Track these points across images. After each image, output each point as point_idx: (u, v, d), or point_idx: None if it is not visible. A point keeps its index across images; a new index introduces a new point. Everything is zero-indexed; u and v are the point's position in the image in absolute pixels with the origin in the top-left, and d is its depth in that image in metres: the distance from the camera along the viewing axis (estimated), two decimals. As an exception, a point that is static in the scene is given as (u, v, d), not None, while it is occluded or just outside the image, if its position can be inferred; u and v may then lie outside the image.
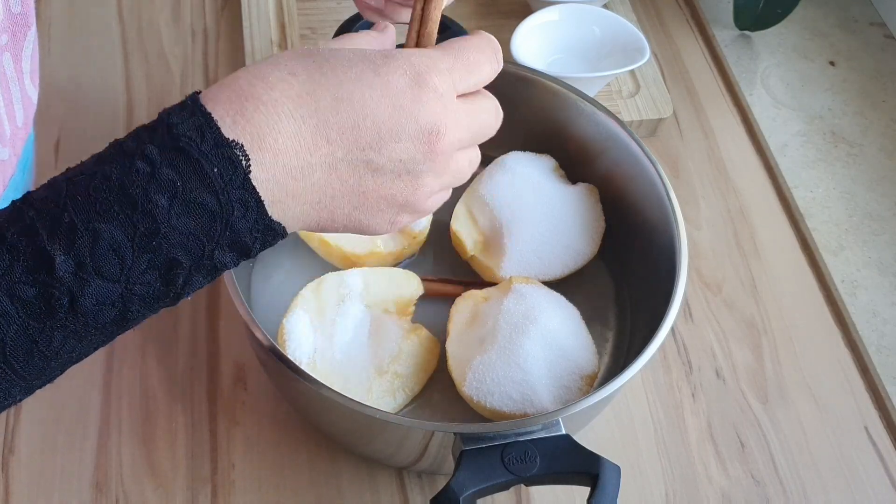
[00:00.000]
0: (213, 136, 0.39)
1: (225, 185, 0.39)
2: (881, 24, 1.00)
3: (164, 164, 0.38)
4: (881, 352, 0.75)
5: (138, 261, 0.38)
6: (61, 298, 0.37)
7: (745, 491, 0.67)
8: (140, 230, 0.38)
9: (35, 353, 0.38)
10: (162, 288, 0.39)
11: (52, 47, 0.88)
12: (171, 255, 0.38)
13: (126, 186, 0.38)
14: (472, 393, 0.61)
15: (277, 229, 0.42)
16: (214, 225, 0.39)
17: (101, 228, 0.37)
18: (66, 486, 0.63)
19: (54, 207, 0.38)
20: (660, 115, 0.86)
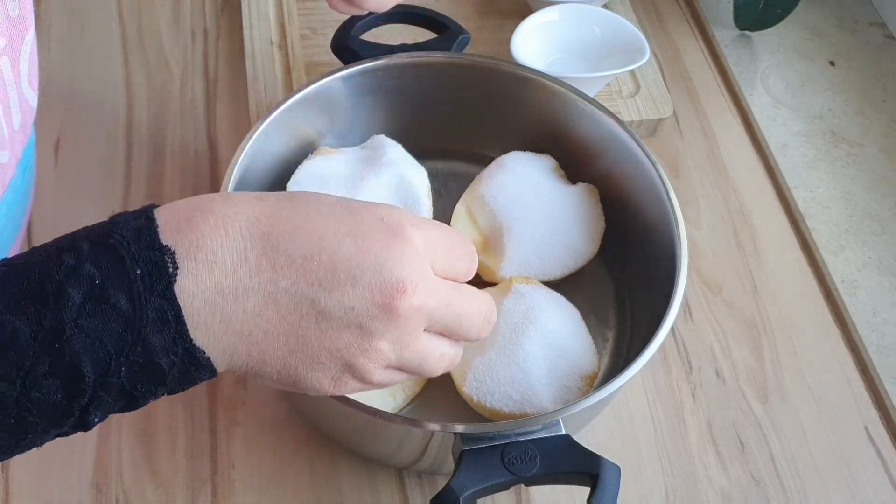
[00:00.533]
0: (148, 239, 0.36)
1: (143, 290, 0.35)
2: (881, 24, 1.00)
3: (88, 259, 0.36)
4: (881, 352, 0.74)
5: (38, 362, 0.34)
6: None
7: (745, 491, 0.67)
8: (45, 327, 0.35)
9: None
10: (64, 402, 0.36)
11: (52, 48, 0.88)
12: (74, 363, 0.35)
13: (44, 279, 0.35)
14: (472, 393, 0.61)
15: (200, 358, 0.37)
16: (126, 334, 0.35)
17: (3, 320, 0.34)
18: (66, 485, 0.63)
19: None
20: (660, 115, 0.86)
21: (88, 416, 0.37)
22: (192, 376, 0.38)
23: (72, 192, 0.78)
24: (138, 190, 0.78)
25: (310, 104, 0.70)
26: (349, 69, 0.71)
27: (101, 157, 0.80)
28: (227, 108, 0.85)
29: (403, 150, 0.72)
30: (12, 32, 0.53)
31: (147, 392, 0.38)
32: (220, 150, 0.82)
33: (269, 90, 0.83)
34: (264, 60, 0.85)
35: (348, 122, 0.74)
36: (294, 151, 0.72)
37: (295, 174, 0.70)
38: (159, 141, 0.82)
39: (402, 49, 0.74)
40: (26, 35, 0.55)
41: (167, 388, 0.38)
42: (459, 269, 0.44)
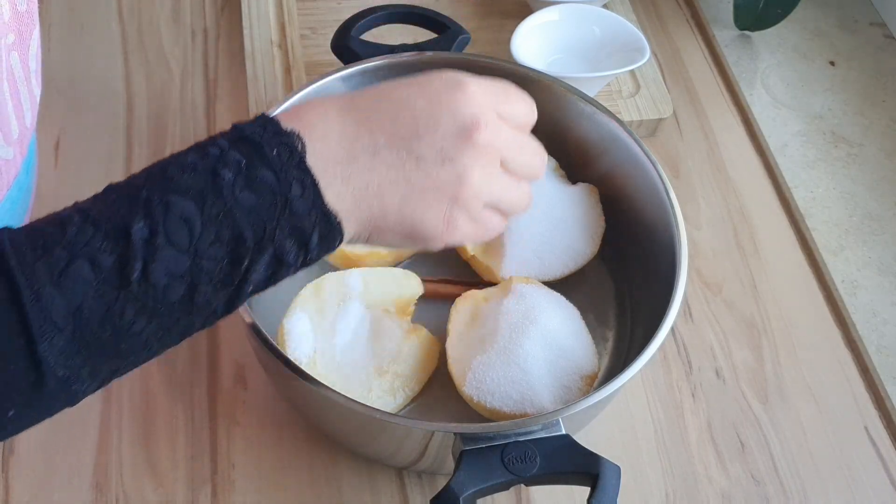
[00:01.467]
0: (273, 128, 0.44)
1: (283, 165, 0.43)
2: (881, 24, 1.00)
3: (231, 148, 0.43)
4: (881, 352, 0.75)
5: (206, 232, 0.41)
6: (135, 264, 0.39)
7: (745, 491, 0.67)
8: (208, 202, 0.41)
9: (107, 324, 0.39)
10: (227, 268, 0.41)
11: (52, 47, 0.88)
12: (236, 230, 0.41)
13: (197, 166, 0.42)
14: (472, 393, 0.61)
15: (333, 221, 0.44)
16: (275, 201, 0.42)
17: (173, 200, 0.41)
18: (66, 485, 0.63)
19: (133, 189, 0.41)
20: (660, 115, 0.86)
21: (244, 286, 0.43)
22: (327, 239, 0.44)
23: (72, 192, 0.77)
24: (138, 190, 0.78)
25: (310, 104, 0.70)
26: (349, 69, 0.71)
27: (101, 156, 0.80)
28: (227, 108, 0.85)
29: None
30: (21, 28, 0.53)
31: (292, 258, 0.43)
32: (220, 149, 0.82)
33: (269, 90, 0.83)
34: (264, 60, 0.85)
35: (348, 121, 0.74)
36: (294, 151, 0.72)
37: (295, 174, 0.70)
38: (159, 140, 0.82)
39: (402, 49, 0.74)
40: (34, 30, 0.55)
41: (308, 254, 0.44)
42: (517, 112, 0.50)
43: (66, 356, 0.39)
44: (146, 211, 0.40)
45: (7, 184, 0.56)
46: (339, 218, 0.44)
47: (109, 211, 0.40)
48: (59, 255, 0.39)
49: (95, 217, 0.40)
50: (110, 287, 0.39)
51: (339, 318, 0.64)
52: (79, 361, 0.39)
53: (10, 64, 0.52)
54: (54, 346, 0.38)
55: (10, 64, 0.53)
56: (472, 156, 0.47)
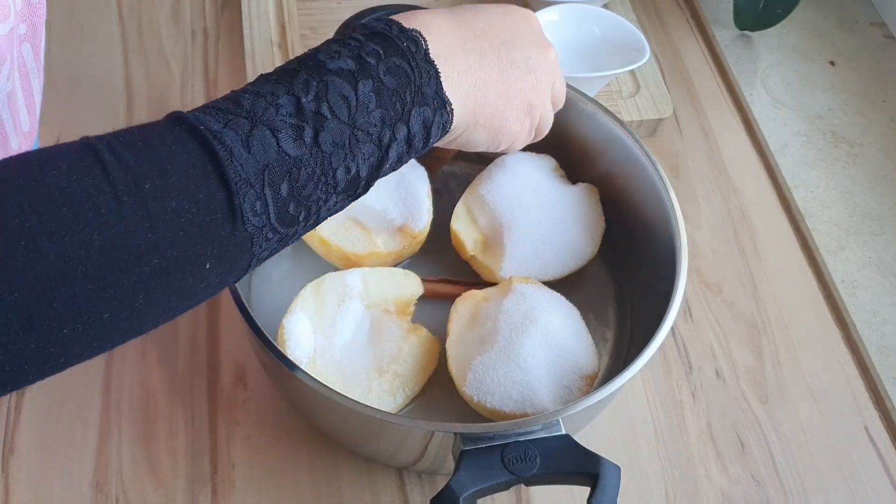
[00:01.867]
0: (398, 27, 0.49)
1: (413, 55, 0.48)
2: (881, 24, 1.00)
3: (368, 41, 0.48)
4: (881, 352, 0.75)
5: (361, 108, 0.46)
6: (307, 131, 0.44)
7: (745, 491, 0.67)
8: (360, 82, 0.46)
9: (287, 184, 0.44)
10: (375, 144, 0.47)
11: (53, 47, 0.88)
12: (383, 108, 0.47)
13: (341, 52, 0.47)
14: (472, 393, 0.61)
15: (448, 106, 0.50)
16: (410, 85, 0.48)
17: (331, 79, 0.46)
18: (67, 485, 0.63)
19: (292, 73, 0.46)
20: (660, 115, 0.86)
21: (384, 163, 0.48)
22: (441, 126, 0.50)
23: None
24: (138, 190, 0.78)
25: (310, 104, 0.70)
26: (349, 69, 0.70)
27: (101, 156, 0.80)
28: (228, 108, 0.85)
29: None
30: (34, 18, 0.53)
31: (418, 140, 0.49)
32: (220, 149, 0.82)
33: (269, 90, 0.83)
34: (264, 60, 0.85)
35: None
36: (294, 151, 0.72)
37: (295, 174, 0.70)
38: (159, 141, 0.82)
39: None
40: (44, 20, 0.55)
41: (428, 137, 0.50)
42: None
43: (254, 212, 0.43)
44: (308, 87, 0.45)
45: None
46: (451, 105, 0.50)
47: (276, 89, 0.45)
48: (242, 123, 0.43)
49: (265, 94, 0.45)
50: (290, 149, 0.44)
51: (339, 318, 0.64)
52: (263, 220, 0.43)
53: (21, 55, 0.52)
54: (247, 201, 0.42)
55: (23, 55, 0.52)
56: (546, 70, 0.56)
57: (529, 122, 0.57)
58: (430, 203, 0.71)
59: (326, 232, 0.68)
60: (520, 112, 0.55)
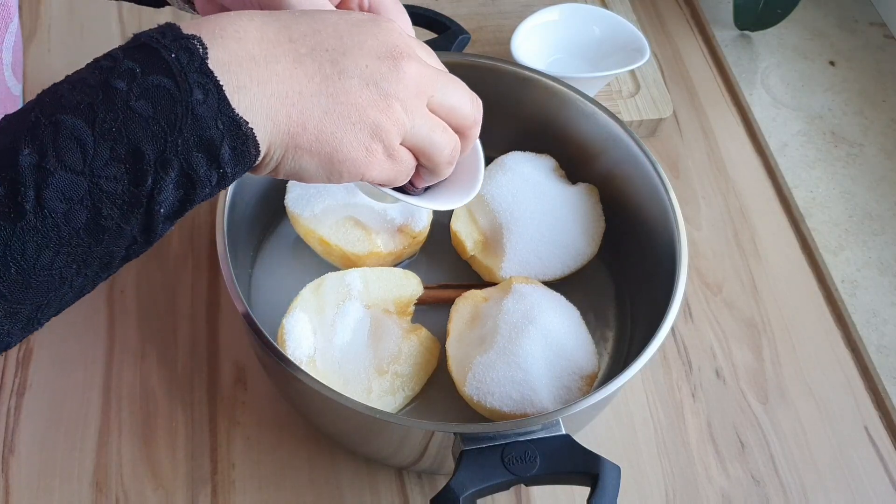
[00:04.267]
0: (173, 33, 0.40)
1: (182, 69, 0.39)
2: (881, 24, 1.00)
3: (125, 58, 0.39)
4: (881, 351, 0.75)
5: (100, 149, 0.37)
6: (27, 193, 0.36)
7: (745, 491, 0.67)
8: (100, 116, 0.37)
9: (10, 261, 0.37)
10: (131, 188, 0.38)
11: (53, 47, 0.88)
12: (133, 144, 0.38)
13: (87, 80, 0.38)
14: (472, 393, 0.61)
15: (242, 125, 0.40)
16: (174, 108, 0.38)
17: (62, 119, 0.37)
18: (66, 485, 0.63)
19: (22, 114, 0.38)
20: (660, 115, 0.86)
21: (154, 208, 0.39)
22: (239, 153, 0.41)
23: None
24: (138, 190, 0.78)
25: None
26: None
27: (101, 157, 0.80)
28: (228, 108, 0.85)
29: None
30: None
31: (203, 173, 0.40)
32: (220, 150, 0.82)
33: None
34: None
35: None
36: (294, 151, 0.72)
37: (295, 174, 0.70)
38: (159, 141, 0.82)
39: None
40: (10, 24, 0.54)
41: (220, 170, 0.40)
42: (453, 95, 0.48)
43: None
44: (33, 134, 0.37)
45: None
46: (251, 125, 0.40)
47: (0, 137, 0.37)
48: None
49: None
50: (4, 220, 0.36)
51: (339, 318, 0.64)
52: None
53: None
54: None
55: None
56: (395, 84, 0.44)
57: (381, 147, 0.45)
58: (430, 203, 0.71)
59: (326, 232, 0.68)
60: (360, 134, 0.44)
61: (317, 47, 0.43)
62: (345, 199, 0.69)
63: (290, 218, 0.69)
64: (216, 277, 0.73)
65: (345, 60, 0.43)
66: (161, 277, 0.73)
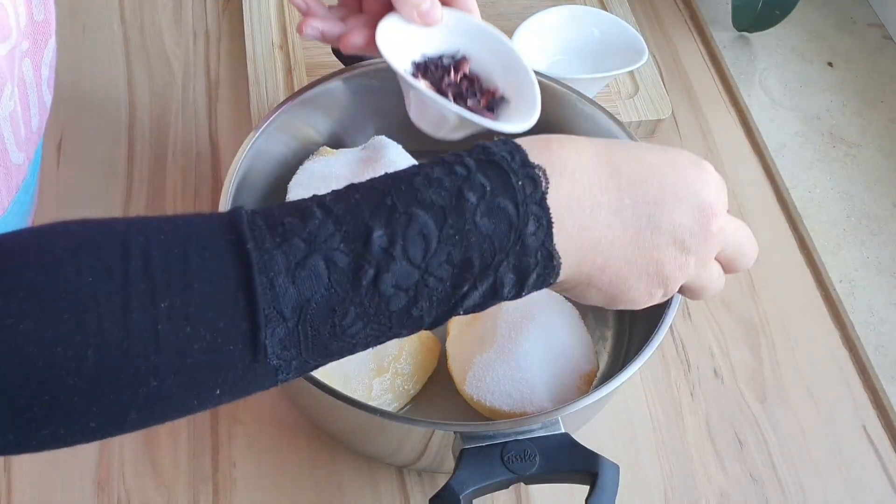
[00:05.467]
0: (521, 158, 0.43)
1: (525, 198, 0.42)
2: (879, 25, 1.00)
3: (478, 171, 0.42)
4: (879, 351, 0.75)
5: (440, 251, 0.40)
6: (368, 271, 0.39)
7: (744, 490, 0.67)
8: (448, 221, 0.41)
9: (328, 323, 0.39)
10: (449, 289, 0.41)
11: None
12: (467, 254, 0.41)
13: (444, 182, 0.41)
14: (471, 392, 0.62)
15: (555, 259, 0.43)
16: (510, 234, 0.41)
17: (417, 213, 0.40)
18: (68, 484, 0.63)
19: (378, 193, 0.41)
20: (658, 115, 0.86)
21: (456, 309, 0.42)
22: (543, 277, 0.43)
23: (74, 192, 0.78)
24: (140, 190, 0.79)
25: (311, 105, 0.70)
26: (350, 71, 0.71)
27: (103, 156, 0.81)
28: (229, 109, 0.85)
29: (404, 151, 0.73)
30: (36, 36, 0.54)
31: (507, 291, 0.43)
32: (221, 150, 0.82)
33: (270, 91, 0.83)
34: (266, 61, 0.85)
35: (349, 123, 0.75)
36: (295, 152, 0.72)
37: (296, 174, 0.71)
38: (161, 141, 0.82)
39: (402, 50, 0.74)
40: (49, 39, 0.55)
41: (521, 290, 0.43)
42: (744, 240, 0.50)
43: (283, 347, 0.39)
44: (388, 219, 0.40)
45: (17, 186, 0.56)
46: (560, 260, 0.43)
47: (352, 212, 0.40)
48: (298, 247, 0.38)
49: (338, 215, 0.40)
50: (341, 288, 0.39)
51: (340, 318, 0.64)
52: (293, 353, 0.39)
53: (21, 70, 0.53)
54: (275, 336, 0.38)
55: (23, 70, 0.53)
56: (700, 242, 0.46)
57: (662, 293, 0.47)
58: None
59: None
60: (650, 284, 0.46)
61: (639, 200, 0.44)
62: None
63: (291, 218, 0.69)
64: (217, 277, 0.74)
65: (662, 217, 0.45)
66: (163, 277, 0.73)
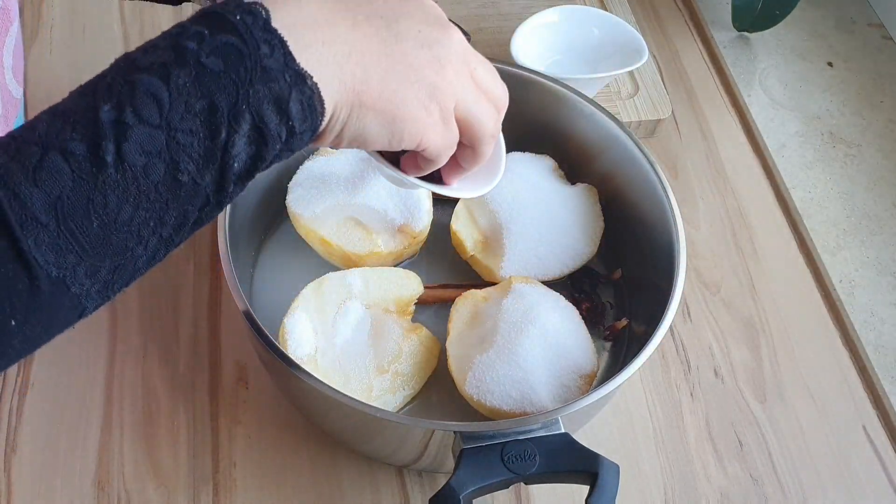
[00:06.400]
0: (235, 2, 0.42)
1: (248, 27, 0.41)
2: (879, 25, 1.00)
3: (192, 24, 0.41)
4: (879, 351, 0.75)
5: (176, 104, 0.39)
6: (107, 147, 0.38)
7: (744, 489, 0.68)
8: (174, 73, 0.39)
9: (92, 216, 0.38)
10: (207, 143, 0.40)
11: (54, 48, 0.88)
12: (207, 98, 0.40)
13: (158, 44, 0.40)
14: (472, 392, 0.62)
15: (309, 81, 0.42)
16: (244, 62, 0.40)
17: (138, 78, 0.39)
18: (68, 484, 0.63)
19: (98, 79, 0.40)
20: (658, 115, 0.86)
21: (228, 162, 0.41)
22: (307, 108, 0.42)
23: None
24: (140, 190, 0.79)
25: (311, 105, 0.70)
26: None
27: (102, 157, 0.81)
28: (228, 109, 0.85)
29: (404, 151, 0.73)
30: None
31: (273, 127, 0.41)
32: (221, 150, 0.82)
33: (269, 91, 0.83)
34: (265, 61, 0.85)
35: (349, 122, 0.74)
36: (295, 152, 0.72)
37: (296, 174, 0.71)
38: (161, 141, 0.82)
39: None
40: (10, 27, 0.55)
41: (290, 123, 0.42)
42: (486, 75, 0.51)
43: (55, 253, 0.38)
44: (110, 93, 0.39)
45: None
46: (316, 80, 0.42)
47: (76, 102, 0.39)
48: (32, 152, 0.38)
49: (62, 110, 0.39)
50: (87, 174, 0.38)
51: (340, 318, 0.64)
52: (72, 259, 0.38)
53: None
54: (41, 243, 0.37)
55: None
56: (448, 48, 0.47)
57: (438, 109, 0.47)
58: (430, 203, 0.71)
59: (327, 232, 0.69)
60: (420, 93, 0.46)
61: (372, 14, 0.45)
62: (346, 199, 0.69)
63: (292, 218, 0.69)
64: (218, 277, 0.74)
65: (398, 25, 0.46)
66: (163, 277, 0.73)
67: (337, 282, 0.66)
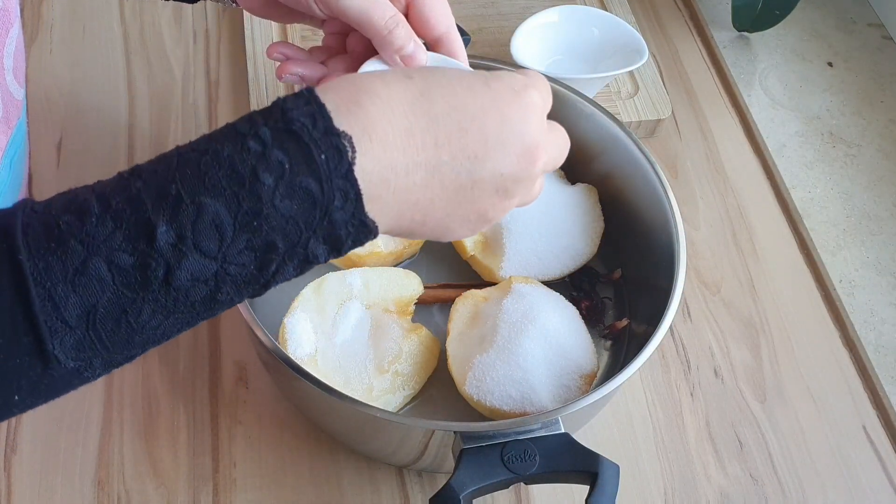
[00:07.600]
0: (325, 124, 0.39)
1: (329, 173, 0.39)
2: (879, 25, 1.00)
3: (274, 145, 0.38)
4: (879, 351, 0.75)
5: (237, 240, 0.38)
6: (157, 270, 0.37)
7: (744, 490, 0.68)
8: (244, 208, 0.38)
9: (123, 323, 0.37)
10: (254, 272, 0.39)
11: (55, 48, 0.88)
12: (269, 238, 0.38)
13: (235, 164, 0.38)
14: (472, 392, 0.62)
15: (370, 227, 0.41)
16: (314, 212, 0.39)
17: (205, 203, 0.37)
18: (68, 484, 0.63)
19: (162, 180, 0.38)
20: (658, 115, 0.86)
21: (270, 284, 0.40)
22: (360, 241, 0.42)
23: (74, 193, 0.78)
24: (140, 190, 0.79)
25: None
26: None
27: (102, 156, 0.81)
28: (229, 109, 0.85)
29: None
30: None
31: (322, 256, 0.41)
32: (221, 150, 0.82)
33: (270, 91, 0.83)
34: (266, 61, 0.85)
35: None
36: (295, 152, 0.72)
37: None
38: (161, 141, 0.82)
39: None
40: (11, 29, 0.54)
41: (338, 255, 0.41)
42: None
43: (77, 350, 0.37)
44: (174, 212, 0.37)
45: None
46: (377, 224, 0.41)
47: (133, 205, 0.37)
48: (75, 250, 0.36)
49: (117, 210, 0.37)
50: (129, 290, 0.37)
51: (340, 318, 0.64)
52: (91, 354, 0.38)
53: None
54: (65, 344, 0.36)
55: None
56: (524, 185, 0.46)
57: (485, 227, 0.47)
58: (430, 203, 0.71)
59: (327, 232, 0.68)
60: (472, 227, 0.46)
61: (458, 155, 0.43)
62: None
63: (291, 218, 0.69)
64: (217, 277, 0.74)
65: (482, 169, 0.43)
66: (163, 277, 0.73)
67: (337, 282, 0.66)
